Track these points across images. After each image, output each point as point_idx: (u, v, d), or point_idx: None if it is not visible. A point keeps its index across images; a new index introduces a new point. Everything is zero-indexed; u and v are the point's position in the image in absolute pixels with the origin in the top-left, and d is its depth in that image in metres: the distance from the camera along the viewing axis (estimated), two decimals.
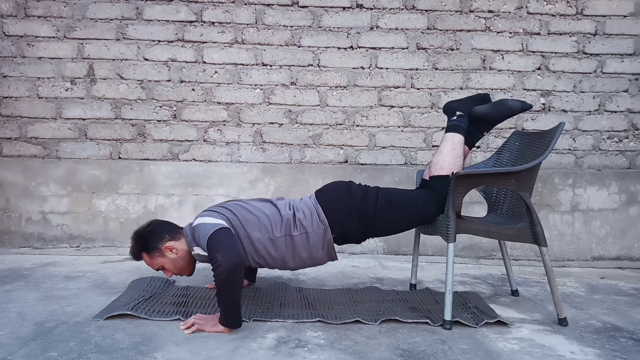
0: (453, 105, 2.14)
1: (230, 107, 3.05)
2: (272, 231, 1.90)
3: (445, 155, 2.03)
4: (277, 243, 1.90)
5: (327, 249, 1.95)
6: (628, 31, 3.06)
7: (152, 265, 1.97)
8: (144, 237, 1.96)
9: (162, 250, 1.94)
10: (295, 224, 1.91)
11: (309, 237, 1.91)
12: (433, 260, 2.95)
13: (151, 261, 1.96)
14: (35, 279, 2.36)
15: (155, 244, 1.94)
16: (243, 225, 1.89)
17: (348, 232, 1.96)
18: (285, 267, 1.98)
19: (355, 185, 2.03)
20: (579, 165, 3.11)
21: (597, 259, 3.06)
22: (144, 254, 1.96)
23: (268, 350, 1.60)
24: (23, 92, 3.00)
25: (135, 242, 1.97)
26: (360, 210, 1.94)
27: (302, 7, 3.01)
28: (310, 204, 1.96)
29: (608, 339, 1.78)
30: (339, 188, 2.02)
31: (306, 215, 1.92)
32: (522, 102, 2.06)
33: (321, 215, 1.92)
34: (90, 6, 2.97)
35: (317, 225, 1.91)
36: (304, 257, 1.94)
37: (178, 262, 1.96)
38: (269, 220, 1.91)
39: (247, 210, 1.94)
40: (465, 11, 3.04)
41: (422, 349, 1.64)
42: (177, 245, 1.95)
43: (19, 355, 1.52)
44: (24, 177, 2.99)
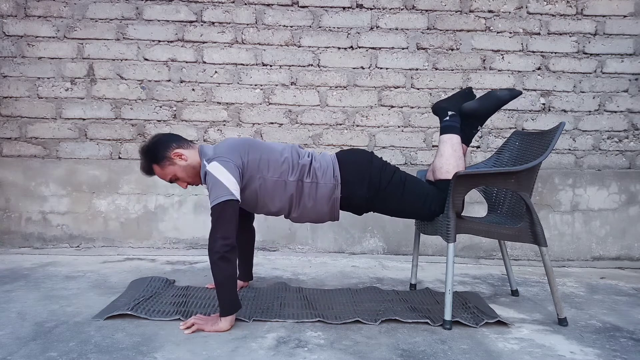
0: (443, 105, 2.14)
1: (230, 107, 3.05)
2: (288, 174, 1.92)
3: (447, 158, 2.03)
4: (288, 186, 1.92)
5: (331, 206, 1.96)
6: (628, 31, 3.06)
7: (165, 175, 1.94)
8: (151, 148, 1.94)
9: (172, 157, 1.92)
10: (309, 171, 1.93)
11: (319, 188, 1.93)
12: (433, 260, 2.95)
13: (163, 171, 1.93)
14: (35, 279, 2.36)
15: (164, 152, 1.92)
16: (259, 167, 1.90)
17: (355, 198, 1.97)
18: (289, 214, 2.00)
19: (376, 157, 2.05)
20: (579, 165, 3.11)
21: (597, 259, 3.06)
22: (154, 166, 1.94)
23: (268, 350, 1.60)
24: (23, 92, 3.00)
25: (144, 156, 1.95)
26: (374, 179, 1.95)
27: (302, 7, 3.01)
28: (328, 159, 1.99)
29: (608, 339, 1.78)
30: (361, 154, 2.05)
31: (322, 166, 1.95)
32: (510, 90, 2.06)
33: (336, 171, 1.95)
34: (90, 6, 2.97)
35: (330, 179, 1.93)
36: (307, 207, 1.95)
37: (190, 170, 1.94)
38: (287, 163, 1.93)
39: (268, 150, 1.94)
40: (465, 11, 3.04)
41: (422, 349, 1.64)
42: (186, 153, 1.93)
43: (19, 355, 1.52)
44: (24, 177, 2.99)
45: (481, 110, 2.08)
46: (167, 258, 2.83)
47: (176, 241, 3.03)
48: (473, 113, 2.08)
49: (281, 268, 2.68)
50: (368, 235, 3.04)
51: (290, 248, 3.04)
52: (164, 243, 3.03)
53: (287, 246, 3.04)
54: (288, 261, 2.84)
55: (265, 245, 3.01)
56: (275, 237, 3.03)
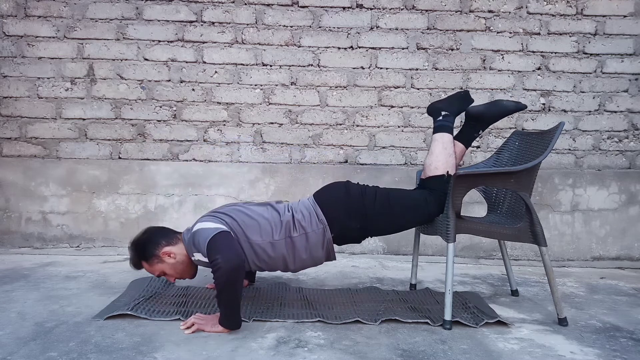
0: (438, 106, 2.16)
1: (230, 107, 3.05)
2: (272, 235, 1.90)
3: (437, 155, 2.05)
4: (277, 246, 1.90)
5: (326, 249, 1.95)
6: (628, 31, 3.06)
7: (153, 272, 1.96)
8: (141, 246, 1.95)
9: (160, 256, 1.92)
10: (294, 225, 1.91)
11: (309, 237, 1.91)
12: (433, 260, 2.95)
13: (151, 268, 1.95)
14: (35, 279, 2.36)
15: (153, 251, 1.92)
16: (243, 230, 1.89)
17: (347, 231, 1.96)
18: (286, 269, 1.98)
19: (353, 185, 2.04)
20: (579, 165, 3.11)
21: (597, 259, 3.06)
22: (143, 262, 1.95)
23: (268, 350, 1.60)
24: (23, 92, 3.00)
25: (133, 252, 1.96)
26: (358, 208, 1.94)
27: (302, 7, 3.01)
28: (308, 205, 1.97)
29: (608, 339, 1.78)
30: (337, 188, 2.03)
31: (305, 216, 1.92)
32: (516, 103, 2.10)
33: (320, 215, 1.92)
34: (90, 6, 2.97)
35: (317, 225, 1.91)
36: (304, 258, 1.94)
37: (178, 267, 1.95)
38: (269, 224, 1.91)
39: (247, 215, 1.93)
40: (465, 11, 3.04)
41: (422, 349, 1.64)
42: (174, 250, 1.94)
43: (19, 355, 1.52)
44: (24, 177, 2.99)
45: (486, 116, 2.11)
46: None
47: None
48: (478, 116, 2.11)
49: None
50: None
51: None
52: None
53: None
54: None
55: None
56: None
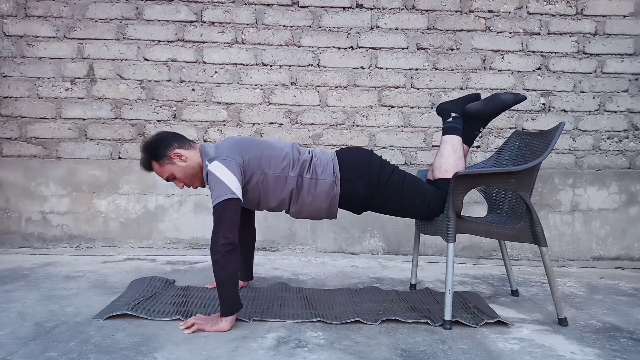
0: (447, 107, 2.15)
1: (230, 107, 3.05)
2: (288, 169, 1.93)
3: (447, 158, 2.04)
4: (288, 181, 1.93)
5: (330, 202, 1.97)
6: (628, 31, 3.06)
7: (162, 173, 1.95)
8: (152, 145, 1.95)
9: (171, 157, 1.93)
10: (309, 167, 1.95)
11: (318, 184, 1.94)
12: (433, 260, 2.95)
13: (161, 169, 1.94)
14: (35, 279, 2.36)
15: (164, 150, 1.93)
16: (260, 163, 1.91)
17: (353, 195, 1.98)
18: (287, 208, 2.02)
19: (376, 155, 2.05)
20: (579, 165, 3.11)
21: (597, 259, 3.06)
22: (153, 162, 1.94)
23: (268, 350, 1.60)
24: (23, 92, 3.00)
25: (144, 152, 1.96)
26: (373, 178, 1.96)
27: (302, 7, 3.01)
28: (328, 156, 2.01)
29: (608, 339, 1.78)
30: (361, 152, 2.06)
31: (322, 163, 1.97)
32: (515, 95, 2.06)
33: (336, 168, 1.96)
34: (90, 6, 2.97)
35: (329, 176, 1.95)
36: (306, 202, 1.96)
37: (188, 171, 1.94)
38: (288, 159, 1.94)
39: (268, 147, 1.96)
40: (465, 11, 3.04)
41: (422, 349, 1.64)
42: (186, 154, 1.94)
43: (19, 355, 1.52)
44: (24, 177, 2.99)
45: (485, 112, 2.08)
46: (167, 258, 2.83)
47: (176, 241, 3.03)
48: (476, 114, 2.09)
49: (281, 268, 2.68)
50: (368, 235, 3.04)
51: (290, 248, 3.04)
52: (164, 243, 3.03)
53: (287, 246, 3.04)
54: (288, 261, 2.84)
55: (265, 245, 3.01)
56: (275, 237, 3.03)
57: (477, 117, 2.10)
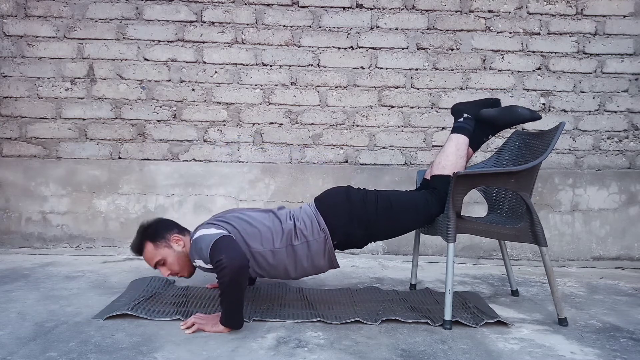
0: (461, 107, 2.14)
1: (230, 107, 3.05)
2: (273, 243, 1.89)
3: (448, 155, 2.04)
4: (278, 254, 1.89)
5: (328, 257, 1.94)
6: (628, 31, 3.06)
7: (154, 256, 1.94)
8: (152, 227, 1.96)
9: (169, 240, 1.94)
10: (296, 233, 1.90)
11: (310, 245, 1.90)
12: (433, 260, 2.95)
13: (155, 251, 1.93)
14: (35, 279, 2.36)
15: (164, 233, 1.95)
16: (244, 238, 1.87)
17: (350, 238, 1.95)
18: (287, 277, 1.98)
19: (353, 190, 2.02)
20: (579, 165, 3.11)
21: (597, 259, 3.06)
22: (148, 243, 1.94)
23: (268, 350, 1.60)
24: (23, 92, 3.00)
25: (142, 232, 1.97)
26: (361, 214, 1.93)
27: (302, 7, 3.01)
28: (310, 213, 1.95)
29: (608, 339, 1.78)
30: (338, 194, 2.01)
31: (307, 225, 1.91)
32: (532, 112, 2.02)
33: (321, 223, 1.91)
34: (90, 6, 2.97)
35: (318, 234, 1.90)
36: (305, 266, 1.93)
37: (181, 258, 1.95)
38: (270, 232, 1.90)
39: (248, 222, 1.92)
40: (465, 11, 3.04)
41: (422, 349, 1.64)
42: (185, 240, 1.96)
43: (19, 355, 1.52)
44: (24, 177, 2.99)
45: (499, 121, 2.06)
46: None
47: None
48: (490, 120, 2.07)
49: None
50: None
51: None
52: None
53: None
54: None
55: None
56: None
57: (490, 124, 2.08)
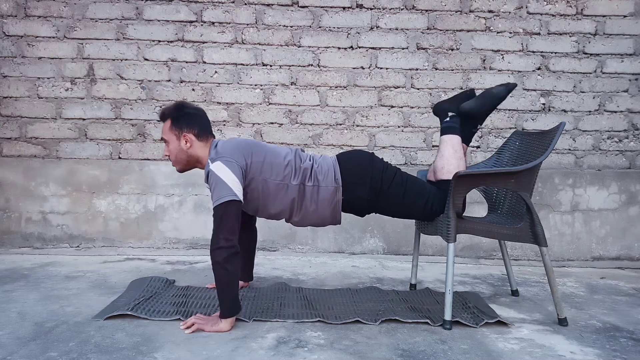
0: (444, 106, 2.15)
1: (230, 107, 3.05)
2: (290, 177, 1.92)
3: (448, 159, 2.04)
4: (290, 189, 1.92)
5: (333, 208, 1.96)
6: (628, 31, 3.06)
7: (164, 132, 1.96)
8: (184, 112, 1.96)
9: (182, 134, 1.93)
10: (311, 174, 1.93)
11: (320, 191, 1.93)
12: (433, 260, 2.95)
13: (167, 131, 1.95)
14: (35, 279, 2.36)
15: (184, 124, 1.93)
16: (262, 169, 1.90)
17: (357, 200, 1.97)
18: (290, 218, 2.00)
19: (377, 158, 2.04)
20: (579, 165, 3.11)
21: (597, 259, 3.06)
22: (169, 120, 1.95)
23: (268, 350, 1.60)
24: (23, 92, 3.00)
25: (174, 108, 1.96)
26: (375, 181, 1.95)
27: (302, 7, 3.01)
28: (329, 162, 1.99)
29: (608, 339, 1.78)
30: (362, 156, 2.04)
31: (323, 170, 1.95)
32: (505, 86, 2.06)
33: (337, 174, 1.94)
34: (90, 6, 2.97)
35: (331, 182, 1.93)
36: (309, 211, 1.95)
37: (181, 154, 1.95)
38: (290, 166, 1.93)
39: (271, 153, 1.94)
40: (465, 11, 3.04)
41: (422, 349, 1.64)
42: (195, 144, 1.95)
43: (19, 355, 1.52)
44: (24, 177, 2.99)
45: (479, 109, 2.08)
46: (167, 258, 2.83)
47: (176, 241, 3.03)
48: (471, 112, 2.08)
49: (281, 268, 2.68)
50: (368, 235, 3.04)
51: (290, 248, 3.04)
52: (164, 243, 3.03)
53: (287, 246, 3.04)
54: (288, 261, 2.84)
55: (265, 245, 3.01)
56: (276, 237, 3.03)
57: (474, 116, 2.09)
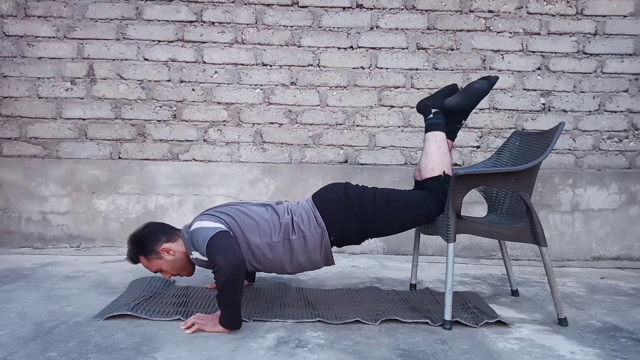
0: (427, 103, 2.13)
1: (230, 107, 3.05)
2: (270, 236, 1.89)
3: (432, 156, 2.02)
4: (275, 248, 1.89)
5: (324, 253, 1.94)
6: (628, 31, 3.06)
7: (150, 267, 1.97)
8: (140, 240, 1.96)
9: (159, 252, 1.93)
10: (293, 228, 1.90)
11: (307, 240, 1.90)
12: (433, 260, 2.95)
13: (149, 264, 1.96)
14: (35, 279, 2.36)
15: (152, 246, 1.93)
16: (242, 230, 1.88)
17: (347, 234, 1.96)
18: (283, 272, 1.98)
19: (351, 186, 2.02)
20: (579, 165, 3.11)
21: (597, 259, 3.06)
22: (141, 257, 1.96)
23: (268, 350, 1.60)
24: (23, 92, 3.00)
25: (132, 246, 1.97)
26: (357, 211, 1.93)
27: (302, 7, 3.01)
28: (307, 208, 1.96)
29: (608, 339, 1.78)
30: (335, 190, 2.01)
31: (304, 219, 1.91)
32: (487, 79, 2.06)
33: (319, 219, 1.91)
34: (90, 6, 2.97)
35: (315, 229, 1.90)
36: (301, 262, 1.93)
37: (176, 264, 1.96)
38: (268, 225, 1.90)
39: (246, 215, 1.93)
40: (465, 11, 3.04)
41: (422, 349, 1.64)
42: (173, 247, 1.94)
43: (19, 355, 1.52)
44: (24, 177, 2.99)
45: (463, 105, 2.06)
46: None
47: None
48: (455, 108, 2.07)
49: None
50: None
51: None
52: None
53: None
54: None
55: None
56: None
57: (458, 111, 2.08)
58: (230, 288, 1.69)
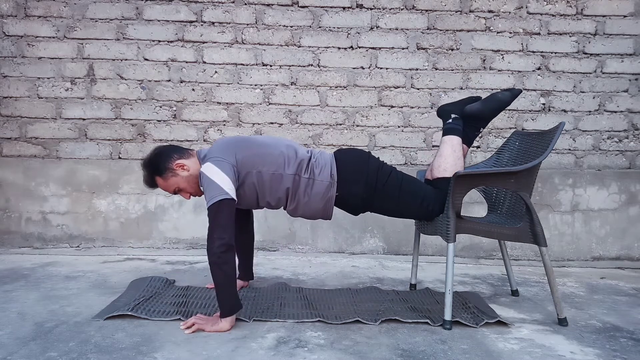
0: (447, 108, 2.17)
1: (230, 107, 3.05)
2: (284, 167, 1.93)
3: (446, 157, 2.05)
4: (285, 179, 1.93)
5: (325, 203, 1.98)
6: (628, 31, 3.06)
7: (168, 187, 1.96)
8: (154, 161, 1.95)
9: (174, 169, 1.93)
10: (307, 167, 1.95)
11: (315, 184, 1.94)
12: (433, 260, 2.95)
13: (166, 183, 1.95)
14: (35, 279, 2.36)
15: (166, 164, 1.93)
16: (254, 162, 1.91)
17: (351, 196, 1.98)
18: (285, 206, 2.02)
19: (374, 157, 2.06)
20: (579, 165, 3.11)
21: (597, 259, 3.06)
22: (157, 178, 1.95)
23: (268, 350, 1.60)
24: (23, 92, 3.00)
25: (145, 169, 1.97)
26: (371, 178, 1.96)
27: (302, 7, 3.01)
28: (327, 157, 2.01)
29: (608, 339, 1.78)
30: (360, 153, 2.06)
31: (319, 164, 1.97)
32: (510, 91, 2.09)
33: (333, 170, 1.96)
34: (90, 6, 2.97)
35: (326, 177, 1.95)
36: (302, 202, 1.97)
37: (192, 180, 1.95)
38: (283, 157, 1.94)
39: (261, 145, 1.96)
40: (465, 11, 3.04)
41: (422, 349, 1.64)
42: (187, 163, 1.95)
43: (19, 355, 1.52)
44: (24, 177, 2.99)
45: (484, 112, 2.10)
46: (167, 258, 2.83)
47: (176, 241, 3.03)
48: (476, 115, 2.11)
49: (281, 268, 2.68)
50: (368, 235, 3.04)
51: (290, 248, 3.04)
52: (164, 243, 3.03)
53: (287, 246, 3.04)
54: (288, 261, 2.84)
55: (265, 245, 3.01)
56: (276, 237, 3.03)
57: (477, 118, 2.12)
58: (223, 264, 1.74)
